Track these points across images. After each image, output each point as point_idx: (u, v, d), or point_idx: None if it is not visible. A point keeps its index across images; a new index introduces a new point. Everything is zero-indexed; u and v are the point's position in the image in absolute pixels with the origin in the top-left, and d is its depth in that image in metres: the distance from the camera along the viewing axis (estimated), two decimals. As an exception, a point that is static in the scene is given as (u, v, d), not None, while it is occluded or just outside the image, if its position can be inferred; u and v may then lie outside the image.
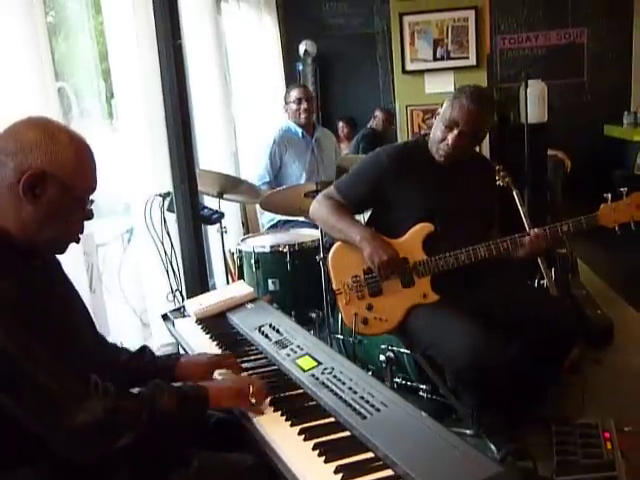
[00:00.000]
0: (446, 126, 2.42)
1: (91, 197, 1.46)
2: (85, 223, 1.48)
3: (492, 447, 2.33)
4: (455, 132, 2.40)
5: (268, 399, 1.60)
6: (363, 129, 6.27)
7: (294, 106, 4.11)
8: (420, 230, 2.46)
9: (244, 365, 1.84)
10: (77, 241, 1.49)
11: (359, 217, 2.77)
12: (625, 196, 2.39)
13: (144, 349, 1.81)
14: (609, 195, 2.39)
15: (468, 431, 2.45)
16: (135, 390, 1.42)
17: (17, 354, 1.23)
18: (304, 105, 4.08)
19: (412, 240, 2.47)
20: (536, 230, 2.44)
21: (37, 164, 1.33)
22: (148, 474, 1.41)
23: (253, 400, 1.54)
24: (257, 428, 1.50)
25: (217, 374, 1.76)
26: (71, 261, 2.60)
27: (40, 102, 2.49)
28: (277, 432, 1.47)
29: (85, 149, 1.43)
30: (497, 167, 3.32)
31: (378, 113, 6.31)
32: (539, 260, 3.22)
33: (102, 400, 1.29)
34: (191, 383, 1.57)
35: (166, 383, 1.45)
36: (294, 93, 4.13)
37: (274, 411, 1.56)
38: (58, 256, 1.56)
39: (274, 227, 4.03)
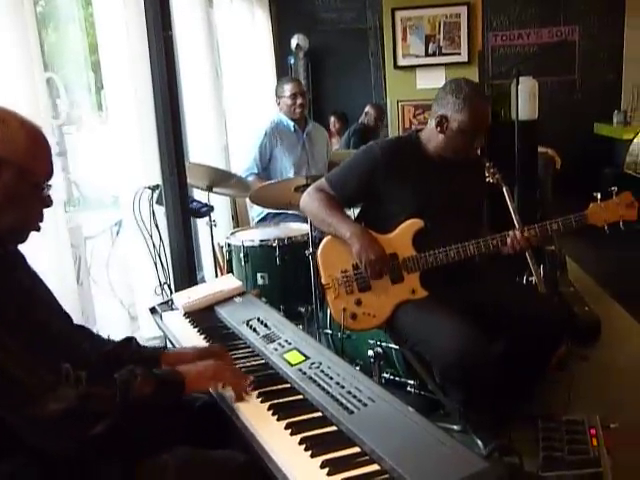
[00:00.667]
0: (470, 134, 2.42)
1: (49, 183, 1.44)
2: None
3: (479, 443, 2.33)
4: (481, 136, 2.44)
5: (256, 392, 1.59)
6: (354, 124, 6.27)
7: (289, 101, 4.09)
8: (410, 226, 2.46)
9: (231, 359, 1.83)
10: (37, 229, 1.47)
11: (349, 212, 2.77)
12: (615, 195, 2.38)
13: (130, 340, 1.79)
14: (598, 194, 2.37)
15: (455, 427, 2.45)
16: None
17: None
18: (299, 100, 4.08)
19: (402, 236, 2.46)
20: (521, 232, 2.42)
21: None
22: (132, 468, 1.39)
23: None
24: (243, 422, 1.50)
25: None
26: (58, 253, 2.61)
27: (28, 92, 2.47)
28: (263, 426, 1.46)
29: (38, 133, 1.42)
30: (487, 164, 3.31)
31: (369, 109, 6.30)
32: (528, 257, 3.22)
33: (73, 388, 1.28)
34: (167, 368, 1.57)
35: (141, 368, 1.43)
36: (288, 87, 4.11)
37: (260, 405, 1.55)
38: (40, 251, 1.54)
39: (263, 220, 4.03)
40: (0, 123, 1.35)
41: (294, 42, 6.72)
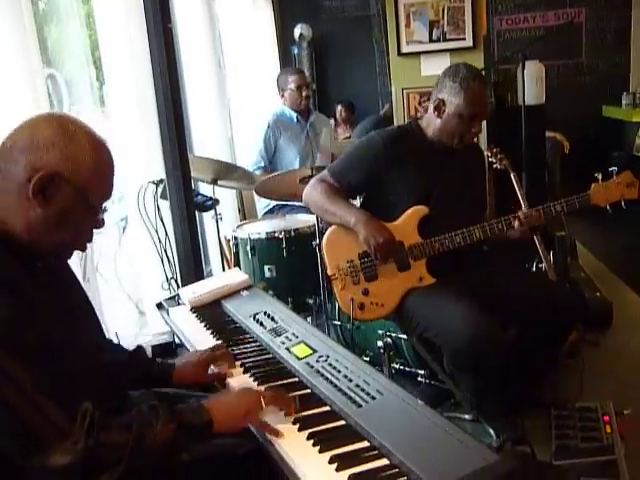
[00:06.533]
0: (467, 118, 2.41)
1: (105, 205, 1.36)
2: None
3: (491, 432, 2.32)
4: (478, 120, 2.43)
5: (263, 387, 1.54)
6: (375, 115, 6.20)
7: (295, 93, 4.08)
8: (415, 213, 2.45)
9: (238, 354, 1.81)
10: (83, 250, 1.41)
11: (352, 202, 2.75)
12: (615, 175, 2.42)
13: (139, 350, 1.75)
14: (600, 175, 2.43)
15: (467, 416, 2.44)
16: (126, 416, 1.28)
17: None
18: (305, 92, 4.08)
19: (407, 223, 2.45)
20: (529, 210, 2.44)
21: (51, 165, 1.24)
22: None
23: (266, 417, 1.44)
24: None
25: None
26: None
27: (29, 90, 2.46)
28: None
29: (105, 154, 1.33)
30: (495, 149, 3.29)
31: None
32: (537, 244, 3.19)
33: (84, 437, 1.17)
34: (194, 403, 1.41)
35: (164, 407, 1.31)
36: (292, 79, 4.10)
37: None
38: None
39: (270, 212, 4.02)
40: (67, 138, 1.27)
41: (297, 32, 6.67)
